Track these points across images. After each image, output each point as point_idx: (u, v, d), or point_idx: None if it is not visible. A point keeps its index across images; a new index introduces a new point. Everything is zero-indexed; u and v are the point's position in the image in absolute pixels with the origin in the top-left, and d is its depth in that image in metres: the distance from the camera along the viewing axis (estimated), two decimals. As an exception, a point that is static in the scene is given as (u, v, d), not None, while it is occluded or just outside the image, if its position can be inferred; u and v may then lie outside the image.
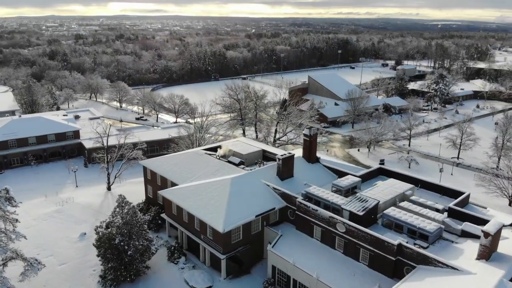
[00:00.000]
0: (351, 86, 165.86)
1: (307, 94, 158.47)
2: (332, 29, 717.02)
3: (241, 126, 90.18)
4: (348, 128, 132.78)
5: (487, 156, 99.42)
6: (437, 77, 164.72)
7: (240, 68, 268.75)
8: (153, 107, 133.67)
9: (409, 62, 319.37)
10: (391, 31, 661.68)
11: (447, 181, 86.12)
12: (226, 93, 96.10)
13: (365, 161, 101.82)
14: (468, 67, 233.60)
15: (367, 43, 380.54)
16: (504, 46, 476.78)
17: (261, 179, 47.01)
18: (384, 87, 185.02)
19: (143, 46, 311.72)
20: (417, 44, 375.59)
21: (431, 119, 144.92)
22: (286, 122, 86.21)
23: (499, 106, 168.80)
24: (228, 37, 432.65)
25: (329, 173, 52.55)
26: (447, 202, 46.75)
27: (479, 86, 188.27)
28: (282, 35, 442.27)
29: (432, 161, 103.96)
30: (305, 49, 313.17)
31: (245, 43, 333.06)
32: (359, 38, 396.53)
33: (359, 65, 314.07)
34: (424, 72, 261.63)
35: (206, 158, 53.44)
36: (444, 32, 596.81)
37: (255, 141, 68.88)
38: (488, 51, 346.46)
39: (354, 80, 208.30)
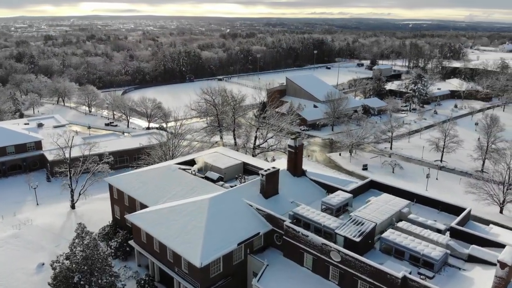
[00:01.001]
0: (329, 88, 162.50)
1: (285, 96, 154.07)
2: (306, 29, 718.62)
3: (219, 133, 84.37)
4: (328, 131, 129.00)
5: (471, 159, 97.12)
6: (415, 77, 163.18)
7: (216, 69, 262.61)
8: (124, 111, 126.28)
9: (384, 61, 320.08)
10: (364, 30, 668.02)
11: (433, 187, 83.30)
12: (202, 98, 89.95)
13: (348, 166, 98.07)
14: (443, 66, 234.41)
15: (342, 43, 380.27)
16: (476, 44, 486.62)
17: (242, 198, 41.76)
18: (362, 87, 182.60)
19: (115, 47, 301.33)
20: (391, 43, 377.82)
21: (410, 120, 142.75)
22: (267, 128, 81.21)
23: (476, 105, 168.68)
24: (202, 37, 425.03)
25: (316, 188, 47.80)
26: (446, 219, 42.76)
27: (456, 86, 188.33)
28: (257, 35, 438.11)
29: (415, 165, 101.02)
30: (281, 49, 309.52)
31: (220, 43, 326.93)
32: (334, 38, 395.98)
33: (335, 65, 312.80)
34: (400, 71, 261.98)
35: (179, 174, 47.74)
36: (416, 32, 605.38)
37: (234, 151, 63.58)
38: (461, 50, 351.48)
39: (330, 80, 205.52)
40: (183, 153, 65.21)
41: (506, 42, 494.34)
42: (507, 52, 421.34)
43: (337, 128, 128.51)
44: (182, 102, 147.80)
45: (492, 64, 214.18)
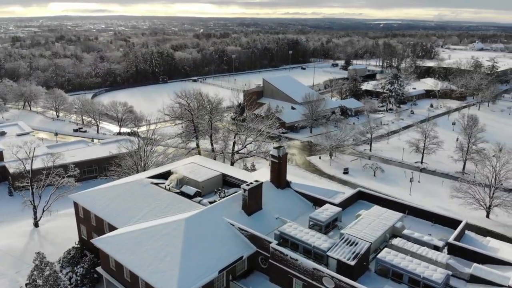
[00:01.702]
0: (306, 89, 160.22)
1: (262, 98, 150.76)
2: (280, 29, 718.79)
3: (195, 140, 79.88)
4: (307, 133, 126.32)
5: (452, 160, 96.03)
6: (391, 78, 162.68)
7: (190, 70, 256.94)
8: (93, 116, 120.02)
9: (358, 61, 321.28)
10: (337, 30, 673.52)
11: (416, 190, 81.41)
12: (176, 102, 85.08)
13: (328, 170, 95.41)
14: (417, 66, 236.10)
15: (316, 43, 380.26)
16: (446, 43, 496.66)
17: (223, 217, 37.87)
18: (338, 88, 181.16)
19: (85, 48, 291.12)
20: (365, 43, 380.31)
21: (388, 121, 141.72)
22: (245, 133, 77.36)
23: (452, 104, 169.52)
24: (176, 37, 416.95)
25: (302, 201, 44.39)
26: (442, 232, 40.13)
27: (431, 85, 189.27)
28: (231, 35, 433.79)
29: (396, 167, 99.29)
30: (256, 49, 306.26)
31: (194, 44, 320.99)
32: (308, 38, 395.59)
33: (310, 65, 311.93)
34: (374, 71, 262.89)
35: (152, 189, 43.41)
36: (387, 31, 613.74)
37: (212, 160, 59.65)
38: (432, 49, 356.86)
39: (306, 81, 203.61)
40: (156, 163, 60.68)
41: (476, 41, 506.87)
42: (477, 50, 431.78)
43: (316, 130, 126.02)
44: (156, 104, 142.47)
45: (465, 63, 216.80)
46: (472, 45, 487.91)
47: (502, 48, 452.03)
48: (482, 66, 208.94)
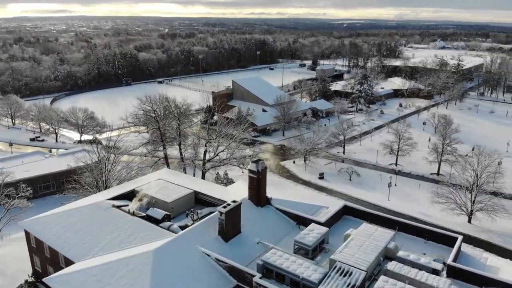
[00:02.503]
0: (277, 90, 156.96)
1: (232, 100, 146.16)
2: (246, 29, 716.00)
3: (162, 150, 74.18)
4: (279, 136, 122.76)
5: (427, 161, 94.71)
6: (361, 78, 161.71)
7: (155, 71, 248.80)
8: (51, 124, 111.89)
9: (325, 61, 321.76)
10: (303, 30, 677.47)
11: (394, 195, 79.02)
12: (140, 108, 78.88)
13: (303, 175, 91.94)
14: (384, 65, 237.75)
15: (283, 43, 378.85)
16: (409, 42, 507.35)
17: (197, 245, 33.18)
18: (307, 89, 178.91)
19: (45, 50, 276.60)
20: (331, 43, 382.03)
21: (359, 122, 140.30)
22: (217, 141, 72.54)
23: (419, 103, 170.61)
24: (139, 38, 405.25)
25: (285, 219, 40.33)
26: (437, 251, 37.07)
27: (399, 85, 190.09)
28: (197, 35, 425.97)
29: (371, 170, 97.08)
30: (223, 50, 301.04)
31: (159, 44, 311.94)
32: (275, 38, 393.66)
33: (278, 65, 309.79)
34: (341, 71, 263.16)
35: (114, 214, 38.13)
36: (351, 31, 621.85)
37: (182, 173, 54.72)
38: (396, 48, 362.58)
39: (275, 81, 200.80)
40: (119, 178, 55.08)
41: (438, 40, 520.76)
42: (439, 49, 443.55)
43: (288, 133, 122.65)
44: (119, 108, 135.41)
45: (431, 62, 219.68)
46: (434, 43, 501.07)
47: (463, 46, 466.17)
48: (447, 64, 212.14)
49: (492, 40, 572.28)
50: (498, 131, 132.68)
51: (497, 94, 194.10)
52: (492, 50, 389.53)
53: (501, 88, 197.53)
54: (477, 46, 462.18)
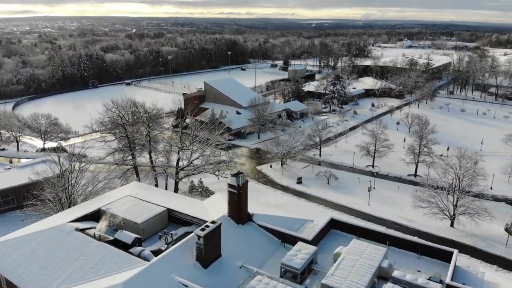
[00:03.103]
0: (251, 92, 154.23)
1: (204, 102, 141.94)
2: (216, 29, 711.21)
3: (132, 160, 69.41)
4: (254, 139, 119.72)
5: (403, 163, 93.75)
6: (333, 79, 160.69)
7: (123, 72, 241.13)
8: (12, 131, 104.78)
9: (296, 62, 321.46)
10: (272, 30, 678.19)
11: (373, 199, 77.26)
12: (107, 115, 73.57)
13: (281, 180, 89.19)
14: (355, 65, 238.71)
15: (254, 43, 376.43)
16: (377, 42, 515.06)
17: (172, 274, 29.51)
18: (280, 90, 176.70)
19: (7, 52, 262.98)
20: (301, 43, 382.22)
21: (333, 123, 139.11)
22: (191, 148, 68.55)
23: (391, 103, 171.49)
24: (106, 38, 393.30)
25: (268, 237, 37.12)
26: (431, 267, 34.80)
27: (370, 84, 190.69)
28: (166, 35, 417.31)
29: (348, 173, 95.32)
30: (194, 50, 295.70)
31: (126, 44, 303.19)
32: (245, 38, 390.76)
33: (250, 66, 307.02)
34: (313, 71, 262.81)
35: (78, 239, 33.83)
36: (320, 31, 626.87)
37: (153, 187, 50.67)
38: (365, 47, 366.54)
39: (247, 82, 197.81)
40: (84, 194, 50.47)
41: (405, 39, 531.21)
42: (406, 48, 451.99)
43: (264, 136, 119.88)
44: (86, 112, 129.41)
45: (401, 61, 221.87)
46: (401, 42, 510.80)
47: (429, 45, 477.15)
48: (417, 64, 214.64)
49: (456, 38, 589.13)
50: (470, 129, 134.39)
51: (466, 93, 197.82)
52: (457, 49, 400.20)
53: (469, 86, 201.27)
54: (442, 44, 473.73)
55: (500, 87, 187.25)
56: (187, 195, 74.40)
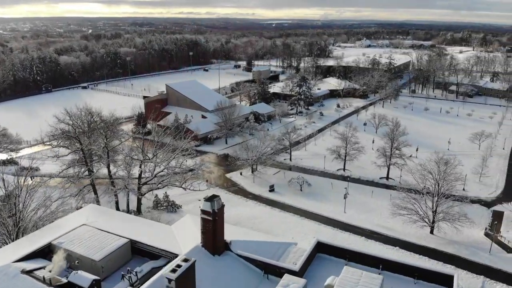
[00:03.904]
0: (216, 95, 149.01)
1: (167, 106, 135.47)
2: (176, 29, 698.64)
3: (88, 177, 62.55)
4: (222, 144, 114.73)
5: (375, 165, 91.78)
6: (299, 80, 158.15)
7: (79, 75, 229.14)
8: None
9: (260, 62, 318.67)
10: (233, 30, 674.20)
11: (349, 206, 74.18)
12: (58, 127, 65.84)
13: (252, 188, 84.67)
14: (318, 65, 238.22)
15: (216, 43, 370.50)
16: (337, 41, 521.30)
17: (140, 326, 24.49)
18: (246, 91, 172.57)
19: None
20: (263, 44, 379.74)
21: (300, 125, 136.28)
22: (154, 161, 62.83)
23: (356, 103, 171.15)
24: (61, 40, 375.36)
25: (249, 269, 32.55)
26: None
27: (335, 85, 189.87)
28: (124, 35, 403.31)
29: (320, 178, 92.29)
30: (153, 51, 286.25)
31: (82, 46, 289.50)
32: (207, 38, 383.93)
33: (212, 67, 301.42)
34: (276, 72, 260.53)
35: (25, 284, 28.07)
36: (281, 31, 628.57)
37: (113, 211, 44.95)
38: (326, 47, 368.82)
39: (211, 84, 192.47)
40: (34, 219, 43.97)
41: (364, 38, 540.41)
42: (366, 47, 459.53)
43: (232, 141, 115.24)
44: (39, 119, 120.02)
45: (363, 61, 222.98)
46: (360, 42, 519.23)
47: (387, 44, 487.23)
48: (379, 63, 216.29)
49: (412, 37, 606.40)
50: (436, 128, 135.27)
51: (427, 91, 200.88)
52: (414, 47, 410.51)
53: (430, 84, 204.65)
54: (400, 43, 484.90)
55: (461, 85, 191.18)
56: (151, 210, 68.80)
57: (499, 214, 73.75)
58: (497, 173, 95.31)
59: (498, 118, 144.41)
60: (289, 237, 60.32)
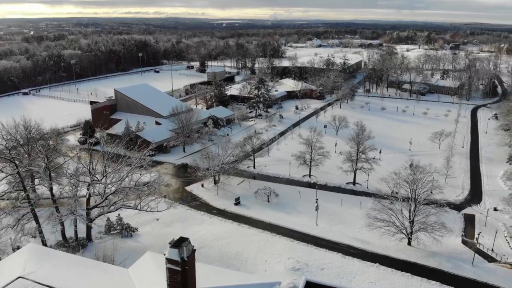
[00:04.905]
0: (170, 98, 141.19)
1: (116, 113, 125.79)
2: (123, 29, 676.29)
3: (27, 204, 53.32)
4: (179, 153, 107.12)
5: (341, 170, 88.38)
6: (257, 82, 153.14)
7: (19, 81, 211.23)
8: None
9: (213, 63, 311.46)
10: (183, 30, 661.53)
11: (320, 216, 69.83)
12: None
13: (216, 202, 78.18)
14: (274, 66, 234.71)
15: (166, 44, 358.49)
16: (289, 42, 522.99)
17: None
18: (202, 94, 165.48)
19: None
20: (216, 44, 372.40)
21: (261, 128, 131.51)
22: (104, 183, 55.05)
23: (314, 105, 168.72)
24: (0, 42, 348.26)
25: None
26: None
27: (291, 86, 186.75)
28: (68, 37, 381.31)
29: (287, 186, 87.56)
30: (100, 52, 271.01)
31: (23, 49, 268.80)
32: (156, 39, 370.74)
33: (164, 68, 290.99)
34: (231, 73, 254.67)
35: None
36: (232, 31, 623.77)
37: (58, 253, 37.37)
38: (279, 48, 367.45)
39: (163, 86, 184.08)
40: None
41: (315, 38, 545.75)
42: (317, 47, 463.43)
43: (190, 149, 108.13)
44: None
45: (318, 62, 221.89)
46: (311, 42, 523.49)
47: (337, 43, 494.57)
48: (334, 63, 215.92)
49: (360, 36, 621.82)
50: (395, 128, 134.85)
51: (382, 90, 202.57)
52: (363, 46, 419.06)
53: (383, 83, 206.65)
54: (349, 43, 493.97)
55: (414, 83, 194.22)
56: (103, 236, 60.90)
57: (470, 218, 72.37)
58: (461, 173, 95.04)
59: (453, 116, 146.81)
60: (263, 260, 55.20)
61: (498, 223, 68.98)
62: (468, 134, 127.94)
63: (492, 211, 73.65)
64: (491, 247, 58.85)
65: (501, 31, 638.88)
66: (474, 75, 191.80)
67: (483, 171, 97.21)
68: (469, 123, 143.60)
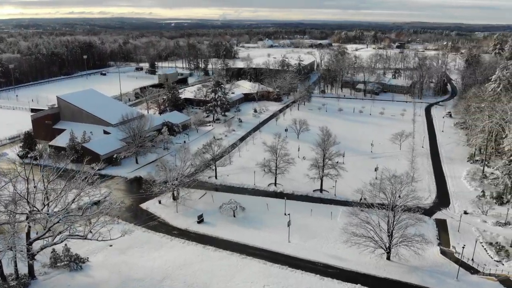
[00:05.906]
0: (119, 104, 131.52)
1: (60, 122, 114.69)
2: (66, 30, 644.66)
3: None
4: (132, 165, 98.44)
5: (307, 178, 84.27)
6: (214, 85, 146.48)
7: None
8: None
9: (164, 64, 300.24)
10: (130, 30, 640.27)
11: (292, 231, 64.89)
12: None
13: (176, 221, 71.08)
14: (229, 68, 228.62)
15: (112, 45, 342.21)
16: (240, 42, 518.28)
17: None
18: (153, 98, 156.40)
19: None
20: (165, 44, 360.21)
21: (220, 134, 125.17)
22: (45, 216, 46.78)
23: (272, 107, 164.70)
24: None
25: None
26: None
27: (248, 88, 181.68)
28: (6, 39, 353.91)
29: (252, 197, 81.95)
30: (41, 55, 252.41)
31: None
32: (102, 39, 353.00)
33: (111, 70, 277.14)
34: (184, 74, 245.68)
35: None
36: (181, 31, 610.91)
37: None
38: (232, 48, 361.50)
39: (111, 90, 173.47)
40: None
41: (266, 39, 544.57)
42: (268, 47, 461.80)
43: (143, 159, 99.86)
44: None
45: (273, 63, 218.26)
46: (262, 42, 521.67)
47: (288, 44, 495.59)
48: (289, 65, 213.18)
49: (309, 36, 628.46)
50: (354, 130, 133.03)
51: (336, 90, 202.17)
52: (313, 46, 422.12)
53: (338, 84, 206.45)
54: (300, 43, 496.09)
55: (368, 83, 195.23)
56: (49, 270, 52.56)
57: (442, 223, 70.48)
58: (426, 175, 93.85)
59: (409, 115, 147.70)
60: (236, 290, 49.41)
61: (471, 228, 67.40)
62: (426, 133, 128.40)
63: (463, 214, 72.15)
64: (470, 256, 56.53)
65: (442, 30, 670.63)
66: (426, 74, 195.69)
67: (446, 171, 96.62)
68: (425, 122, 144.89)
